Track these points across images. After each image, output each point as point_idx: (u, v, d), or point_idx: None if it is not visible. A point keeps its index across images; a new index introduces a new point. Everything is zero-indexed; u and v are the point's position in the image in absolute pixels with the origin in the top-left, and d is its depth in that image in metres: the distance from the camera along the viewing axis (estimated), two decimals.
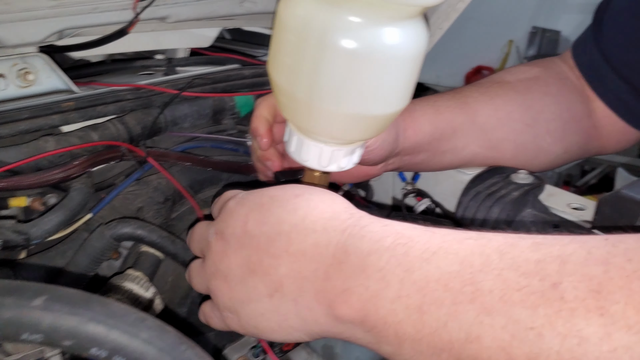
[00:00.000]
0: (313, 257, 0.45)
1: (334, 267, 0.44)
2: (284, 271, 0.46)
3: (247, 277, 0.49)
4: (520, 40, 3.57)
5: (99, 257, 0.64)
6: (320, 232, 0.46)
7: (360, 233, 0.44)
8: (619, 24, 0.79)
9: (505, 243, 0.38)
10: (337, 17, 0.48)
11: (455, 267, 0.38)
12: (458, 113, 0.75)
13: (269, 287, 0.47)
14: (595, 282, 0.32)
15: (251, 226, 0.49)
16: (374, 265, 0.41)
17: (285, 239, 0.47)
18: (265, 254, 0.48)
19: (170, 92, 0.75)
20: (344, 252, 0.44)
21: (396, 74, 0.52)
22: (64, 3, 0.60)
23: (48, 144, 0.65)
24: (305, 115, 0.55)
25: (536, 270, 0.35)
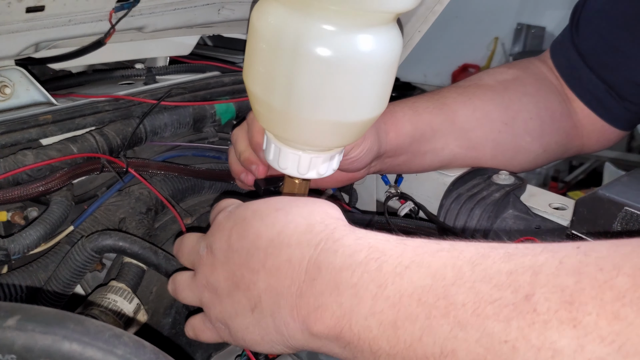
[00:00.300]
0: (287, 273, 0.45)
1: (307, 283, 0.44)
2: (262, 286, 0.47)
3: (233, 291, 0.49)
4: (505, 37, 3.58)
5: (80, 270, 0.64)
6: (294, 247, 0.46)
7: (333, 247, 0.44)
8: (594, 26, 0.80)
9: (477, 254, 0.38)
10: (310, 25, 0.48)
11: (428, 281, 0.38)
12: (437, 114, 0.76)
13: (250, 302, 0.48)
14: (567, 293, 0.32)
15: (234, 240, 0.50)
16: (346, 282, 0.41)
17: (263, 254, 0.47)
18: (246, 269, 0.48)
19: (149, 102, 0.75)
20: (316, 268, 0.44)
21: (371, 80, 0.52)
22: (38, 16, 0.60)
23: (27, 158, 0.65)
24: (281, 124, 0.56)
25: (508, 282, 0.35)
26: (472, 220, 0.70)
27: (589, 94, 0.83)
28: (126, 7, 0.67)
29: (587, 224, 0.54)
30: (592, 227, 0.53)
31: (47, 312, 0.36)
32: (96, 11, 0.66)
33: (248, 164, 0.67)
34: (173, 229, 0.74)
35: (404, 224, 0.70)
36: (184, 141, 0.80)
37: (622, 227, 0.51)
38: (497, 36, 3.58)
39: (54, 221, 0.64)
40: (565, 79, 0.85)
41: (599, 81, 0.81)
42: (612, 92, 0.81)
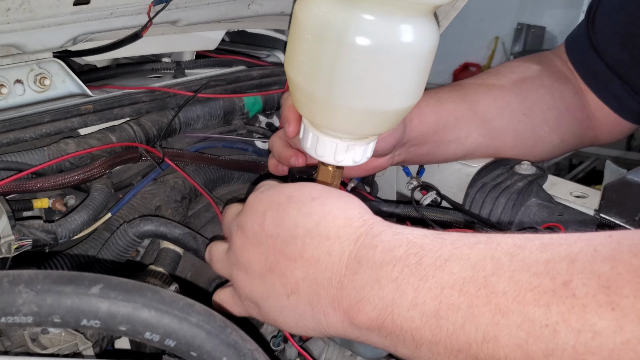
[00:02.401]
0: (327, 266, 0.47)
1: (348, 277, 0.45)
2: (300, 275, 0.48)
3: (266, 274, 0.51)
4: (506, 36, 3.62)
5: (122, 254, 0.66)
6: (334, 240, 0.47)
7: (372, 243, 0.45)
8: (610, 21, 0.83)
9: (514, 245, 0.39)
10: (353, 16, 0.51)
11: (468, 272, 0.39)
12: (459, 103, 0.78)
13: (286, 288, 0.49)
14: (604, 279, 0.34)
15: (268, 225, 0.51)
16: (387, 276, 0.43)
17: (300, 244, 0.48)
18: (282, 256, 0.49)
19: (185, 94, 0.77)
20: (357, 262, 0.45)
21: (409, 69, 0.54)
22: (84, 9, 0.62)
23: (69, 147, 0.67)
24: (322, 112, 0.58)
25: (546, 270, 0.36)
26: (497, 209, 0.73)
27: (603, 87, 0.85)
28: (164, 0, 0.69)
29: (615, 207, 0.56)
30: (620, 211, 0.56)
31: (127, 282, 0.39)
32: (136, 4, 0.68)
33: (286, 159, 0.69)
34: (206, 216, 0.76)
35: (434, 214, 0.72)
36: (214, 133, 0.83)
37: None
38: (498, 35, 3.62)
39: (96, 207, 0.66)
40: (579, 73, 0.87)
41: (613, 76, 0.84)
42: (626, 87, 0.83)
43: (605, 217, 0.57)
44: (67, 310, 0.36)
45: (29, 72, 0.72)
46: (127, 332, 0.37)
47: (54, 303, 0.36)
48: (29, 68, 0.72)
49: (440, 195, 0.81)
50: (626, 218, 0.55)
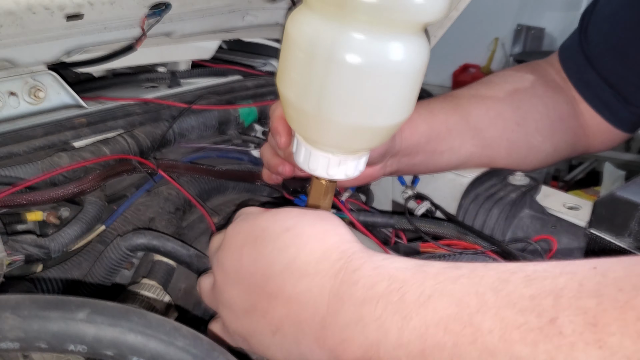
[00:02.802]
0: (308, 303, 0.46)
1: (331, 316, 0.44)
2: (282, 313, 0.47)
3: (249, 312, 0.50)
4: (505, 37, 3.62)
5: (114, 268, 0.66)
6: (312, 276, 0.46)
7: (352, 278, 0.44)
8: (602, 31, 0.83)
9: (499, 279, 0.38)
10: (343, 34, 0.51)
11: (452, 310, 0.39)
12: (452, 114, 0.78)
13: (270, 325, 0.48)
14: (590, 315, 0.33)
15: (246, 262, 0.50)
16: (370, 314, 0.42)
17: (279, 281, 0.48)
18: (263, 293, 0.49)
19: (179, 106, 0.77)
20: (338, 299, 0.44)
21: (400, 86, 0.55)
22: (77, 24, 0.62)
23: (62, 160, 0.67)
24: (313, 128, 0.58)
25: (532, 307, 0.35)
26: (491, 220, 0.73)
27: (596, 97, 0.86)
28: (158, 14, 0.69)
29: (605, 223, 0.56)
30: (610, 227, 0.56)
31: (113, 306, 0.39)
32: (130, 18, 0.68)
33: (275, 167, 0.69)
34: (200, 227, 0.77)
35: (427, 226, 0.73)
36: (209, 143, 0.83)
37: (639, 226, 0.54)
38: (497, 37, 3.61)
39: (89, 220, 0.67)
40: (573, 82, 0.88)
41: (606, 85, 0.84)
42: (619, 97, 0.84)
43: (595, 232, 0.57)
44: (54, 336, 0.36)
45: (23, 84, 0.72)
46: (114, 356, 0.37)
47: (40, 329, 0.36)
48: (23, 81, 0.72)
49: (434, 205, 0.82)
50: (616, 234, 0.56)
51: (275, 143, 0.67)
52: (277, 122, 0.64)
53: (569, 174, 3.07)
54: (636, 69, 0.81)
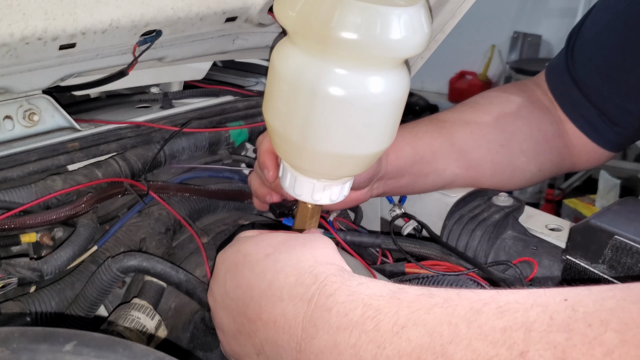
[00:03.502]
0: (284, 328, 0.47)
1: (306, 341, 0.45)
2: (262, 336, 0.49)
3: (237, 335, 0.53)
4: (502, 45, 3.64)
5: (106, 289, 0.68)
6: (287, 301, 0.48)
7: (326, 304, 0.45)
8: (588, 53, 0.85)
9: (471, 310, 0.39)
10: (326, 69, 0.53)
11: (425, 340, 0.39)
12: (436, 137, 0.80)
13: (255, 348, 0.51)
14: (559, 350, 0.34)
15: (229, 288, 0.53)
16: (345, 342, 0.43)
17: (257, 306, 0.49)
18: (245, 318, 0.51)
19: (170, 129, 0.79)
20: (313, 325, 0.45)
21: (380, 117, 0.57)
22: (70, 52, 0.64)
23: (56, 183, 0.69)
24: (298, 155, 0.60)
25: (503, 339, 0.36)
26: (474, 241, 0.75)
27: (582, 117, 0.87)
28: (149, 40, 0.71)
29: (580, 249, 0.58)
30: (585, 253, 0.58)
31: (99, 338, 0.41)
32: (121, 45, 0.70)
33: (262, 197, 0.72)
34: (190, 247, 0.78)
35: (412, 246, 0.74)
36: (200, 163, 0.85)
37: (612, 253, 0.55)
38: (494, 44, 3.64)
39: (81, 243, 0.68)
40: (559, 102, 0.89)
41: (591, 106, 0.86)
42: (604, 117, 0.85)
43: (570, 258, 0.59)
44: None
45: (18, 107, 0.74)
46: None
47: None
48: (18, 104, 0.74)
49: (421, 224, 0.83)
50: (591, 260, 0.57)
51: (263, 176, 0.69)
52: (265, 156, 0.67)
53: (565, 181, 3.09)
54: (621, 90, 0.82)
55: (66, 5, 0.58)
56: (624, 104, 0.82)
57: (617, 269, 0.55)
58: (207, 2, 0.71)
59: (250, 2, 0.77)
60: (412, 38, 0.52)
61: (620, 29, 0.81)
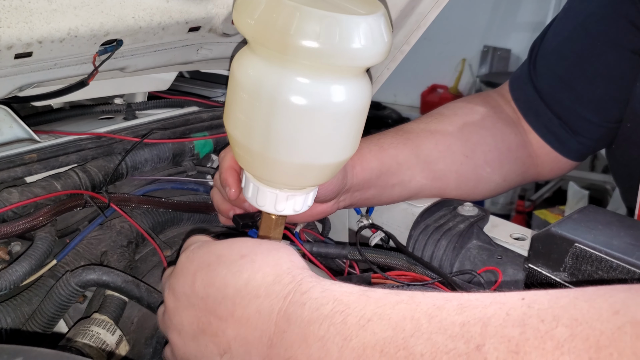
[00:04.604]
0: (257, 325, 0.48)
1: (278, 335, 0.46)
2: (231, 334, 0.49)
3: (198, 335, 0.52)
4: (472, 58, 3.69)
5: (64, 304, 0.66)
6: (263, 298, 0.48)
7: (300, 300, 0.46)
8: (549, 63, 0.86)
9: (434, 306, 0.41)
10: (286, 77, 0.53)
11: (389, 333, 0.41)
12: (402, 148, 0.80)
13: (219, 348, 0.50)
14: (513, 343, 0.35)
15: (199, 286, 0.52)
16: (314, 334, 0.44)
17: (231, 303, 0.49)
18: (213, 316, 0.50)
19: (131, 140, 0.78)
20: (286, 320, 0.46)
21: (342, 126, 0.56)
22: (26, 61, 0.63)
23: (12, 196, 0.67)
24: (259, 165, 0.59)
25: (461, 333, 0.38)
26: (439, 251, 0.75)
27: (544, 127, 0.88)
28: (109, 50, 0.70)
29: (542, 258, 0.58)
30: (547, 261, 0.58)
31: (47, 354, 0.39)
32: (81, 55, 0.69)
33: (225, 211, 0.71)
34: (153, 260, 0.77)
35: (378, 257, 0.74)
36: (164, 174, 0.83)
37: (573, 261, 0.56)
38: (465, 58, 3.68)
39: (38, 257, 0.66)
40: (522, 112, 0.90)
41: (554, 116, 0.87)
42: (566, 127, 0.87)
43: (532, 267, 0.59)
44: None
45: None
46: None
47: None
48: None
49: (388, 234, 0.83)
50: (552, 268, 0.58)
51: (224, 193, 0.68)
52: (227, 173, 0.66)
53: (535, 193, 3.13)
54: (582, 100, 0.84)
55: (21, 13, 0.57)
56: (585, 113, 0.84)
57: (577, 277, 0.56)
58: (169, 11, 0.70)
59: (213, 12, 0.76)
60: (372, 46, 0.52)
61: (581, 40, 0.83)
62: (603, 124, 0.84)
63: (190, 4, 0.73)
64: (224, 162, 0.67)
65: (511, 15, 3.52)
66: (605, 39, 0.80)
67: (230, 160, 0.67)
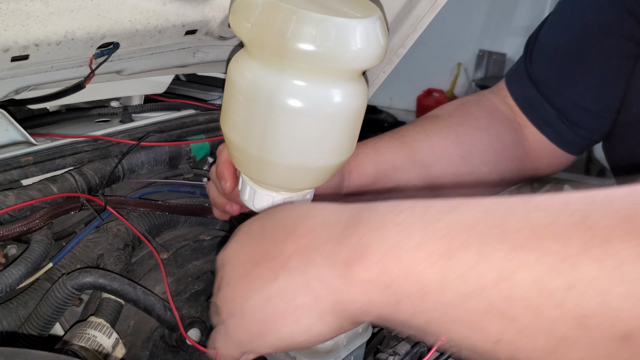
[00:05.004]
0: (322, 231, 0.44)
1: (348, 230, 0.42)
2: (290, 250, 0.45)
3: (250, 271, 0.47)
4: (468, 62, 3.70)
5: (61, 307, 0.66)
6: (329, 213, 0.45)
7: (371, 206, 0.43)
8: (546, 56, 0.86)
9: (525, 197, 0.38)
10: (283, 80, 0.53)
11: (479, 215, 0.38)
12: (398, 152, 0.81)
13: (274, 271, 0.46)
14: (625, 212, 0.33)
15: (256, 227, 0.50)
16: (392, 221, 0.40)
17: (291, 226, 0.46)
18: (270, 244, 0.47)
19: (128, 143, 0.78)
20: (358, 219, 0.42)
21: (338, 129, 0.57)
22: (22, 64, 0.63)
23: (8, 199, 0.67)
24: (256, 168, 0.60)
25: (564, 208, 0.35)
26: None
27: (541, 119, 0.88)
28: (106, 53, 0.70)
29: None
30: None
31: (43, 357, 0.39)
32: (77, 58, 0.69)
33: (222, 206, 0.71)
34: (150, 263, 0.77)
35: None
36: (160, 177, 0.83)
37: None
38: (460, 62, 3.70)
39: (35, 260, 0.66)
40: (519, 105, 0.90)
41: (551, 108, 0.87)
42: (563, 118, 0.87)
43: None
44: None
45: None
46: None
47: None
48: None
49: None
50: None
51: (220, 187, 0.68)
52: (223, 167, 0.66)
53: None
54: (579, 89, 0.84)
55: (18, 16, 0.57)
56: (582, 102, 0.83)
57: None
58: (165, 14, 0.71)
59: (210, 15, 0.77)
60: (368, 49, 0.52)
61: (578, 30, 0.83)
62: (601, 113, 0.84)
63: (186, 7, 0.73)
64: (222, 155, 0.67)
65: (506, 20, 3.54)
66: (602, 27, 0.80)
67: (227, 154, 0.67)
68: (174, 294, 0.72)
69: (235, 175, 0.67)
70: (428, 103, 3.75)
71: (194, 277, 0.76)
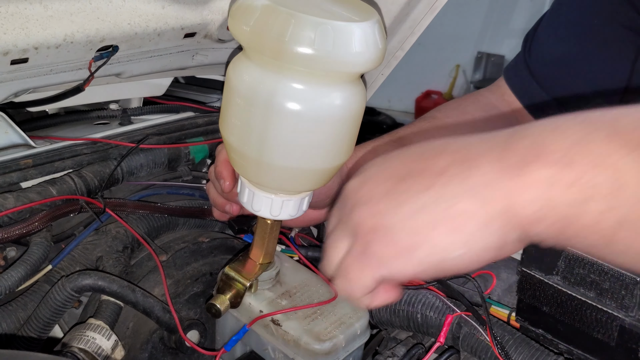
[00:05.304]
0: (481, 144, 0.41)
1: (516, 136, 0.39)
2: (444, 164, 0.42)
3: (396, 185, 0.43)
4: (466, 64, 3.70)
5: (60, 309, 0.66)
6: (477, 136, 0.42)
7: (531, 123, 0.40)
8: (545, 48, 0.87)
9: None
10: (282, 83, 0.53)
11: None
12: None
13: (427, 181, 0.42)
14: None
15: (392, 156, 0.46)
16: (572, 120, 0.37)
17: (440, 146, 0.44)
18: (415, 163, 0.44)
19: (127, 145, 0.78)
20: (522, 128, 0.40)
21: (337, 132, 0.57)
22: (22, 67, 0.63)
23: (8, 201, 0.67)
24: (255, 171, 0.60)
25: None
26: None
27: (540, 110, 0.89)
28: (105, 56, 0.71)
29: (535, 261, 0.59)
30: (540, 265, 0.58)
31: (44, 359, 0.39)
32: (76, 61, 0.69)
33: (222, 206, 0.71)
34: (149, 265, 0.77)
35: None
36: (159, 179, 0.84)
37: (566, 265, 0.56)
38: (459, 64, 3.70)
39: (34, 262, 0.67)
40: (520, 99, 0.90)
41: (551, 99, 0.87)
42: (561, 108, 0.87)
43: (526, 270, 0.59)
44: None
45: None
46: None
47: None
48: None
49: None
50: (545, 272, 0.58)
51: (218, 186, 0.68)
52: (222, 167, 0.66)
53: None
54: (575, 76, 0.84)
55: (17, 20, 0.57)
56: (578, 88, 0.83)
57: (570, 280, 0.56)
58: (164, 18, 0.71)
59: (209, 18, 0.77)
60: (366, 53, 0.52)
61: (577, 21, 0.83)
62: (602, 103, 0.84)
63: (185, 10, 0.74)
64: (220, 155, 0.67)
65: (504, 22, 3.54)
66: (601, 17, 0.80)
67: (226, 154, 0.67)
68: (172, 296, 0.72)
69: (234, 175, 0.67)
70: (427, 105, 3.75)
71: (193, 279, 0.76)
